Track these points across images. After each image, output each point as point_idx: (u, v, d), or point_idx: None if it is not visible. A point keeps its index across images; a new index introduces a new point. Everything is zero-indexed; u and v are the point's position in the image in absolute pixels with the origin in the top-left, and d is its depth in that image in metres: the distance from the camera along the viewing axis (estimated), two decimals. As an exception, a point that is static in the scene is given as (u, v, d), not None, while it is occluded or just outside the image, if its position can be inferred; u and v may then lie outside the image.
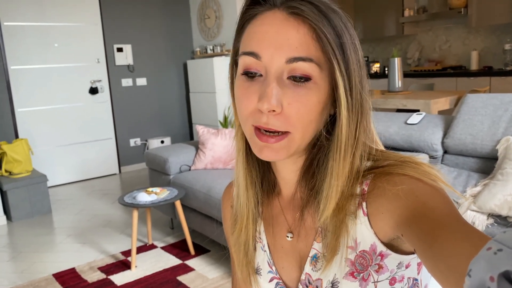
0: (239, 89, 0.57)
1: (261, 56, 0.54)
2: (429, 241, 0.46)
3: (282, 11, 0.54)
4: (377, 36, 6.50)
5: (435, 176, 0.54)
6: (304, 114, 0.54)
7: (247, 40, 0.56)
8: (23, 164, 3.88)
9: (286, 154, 0.56)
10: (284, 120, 0.54)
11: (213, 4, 5.20)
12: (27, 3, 4.45)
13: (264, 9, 0.55)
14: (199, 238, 3.04)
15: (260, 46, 0.54)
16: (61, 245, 3.13)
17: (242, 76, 0.56)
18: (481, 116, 2.25)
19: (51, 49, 4.65)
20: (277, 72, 0.53)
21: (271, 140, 0.55)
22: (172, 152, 3.13)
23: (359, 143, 0.57)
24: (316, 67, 0.53)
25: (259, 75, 0.55)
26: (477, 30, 5.45)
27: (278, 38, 0.53)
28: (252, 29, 0.56)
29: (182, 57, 5.63)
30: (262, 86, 0.54)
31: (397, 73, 3.85)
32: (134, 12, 5.17)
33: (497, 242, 0.30)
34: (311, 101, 0.54)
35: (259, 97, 0.53)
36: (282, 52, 0.53)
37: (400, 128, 2.53)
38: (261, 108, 0.53)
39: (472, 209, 1.90)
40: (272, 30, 0.53)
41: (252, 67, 0.55)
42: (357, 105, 0.56)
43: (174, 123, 5.68)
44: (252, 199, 0.67)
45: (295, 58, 0.52)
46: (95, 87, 4.95)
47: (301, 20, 0.53)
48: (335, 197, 0.57)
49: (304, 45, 0.52)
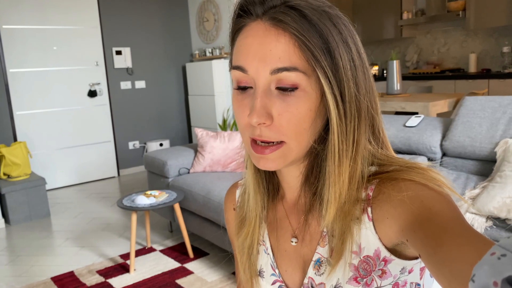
0: (234, 103, 0.58)
1: (247, 70, 0.54)
2: (434, 246, 0.45)
3: (264, 21, 0.53)
4: (376, 38, 6.52)
5: (440, 181, 0.54)
6: (296, 123, 0.53)
7: (236, 54, 0.56)
8: (22, 167, 3.87)
9: (283, 163, 0.56)
10: (276, 131, 0.54)
11: (212, 7, 5.21)
12: (27, 6, 4.46)
13: (249, 20, 0.55)
14: (198, 241, 3.03)
15: (246, 60, 0.54)
16: (59, 249, 3.12)
17: (236, 90, 0.57)
18: (480, 119, 2.26)
19: (50, 52, 4.65)
20: (264, 84, 0.53)
21: (266, 152, 0.55)
22: (171, 155, 3.12)
23: (359, 147, 0.56)
24: (302, 75, 0.52)
25: (249, 87, 0.55)
26: (475, 33, 5.46)
27: (261, 50, 0.53)
28: (239, 41, 0.56)
29: (181, 60, 5.64)
30: (252, 99, 0.54)
31: (396, 75, 3.86)
32: (133, 15, 5.17)
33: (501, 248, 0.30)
34: (301, 110, 0.53)
35: (249, 111, 0.54)
36: (266, 64, 0.52)
37: (398, 131, 2.53)
38: (251, 122, 0.53)
39: (471, 211, 1.90)
40: (255, 42, 0.53)
41: (242, 80, 0.55)
42: (352, 110, 0.55)
43: (173, 126, 5.68)
44: (260, 203, 0.67)
45: (279, 69, 0.52)
46: (94, 90, 4.95)
47: (281, 29, 0.52)
48: (335, 203, 0.56)
49: (287, 54, 0.52)
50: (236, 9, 0.57)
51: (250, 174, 0.66)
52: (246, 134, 0.57)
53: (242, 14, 0.56)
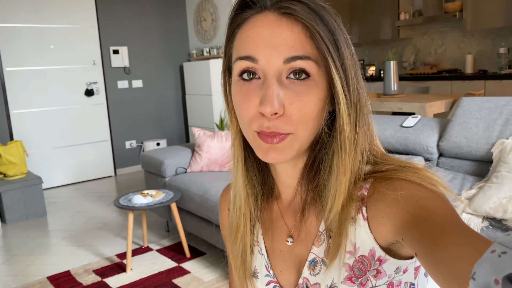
0: (238, 95, 0.56)
1: (258, 59, 0.53)
2: (431, 245, 0.45)
3: (274, 12, 0.53)
4: (373, 39, 6.53)
5: (435, 181, 0.54)
6: (306, 112, 0.54)
7: (241, 45, 0.55)
8: (18, 166, 3.86)
9: (291, 154, 0.56)
10: (286, 121, 0.53)
11: (209, 7, 5.21)
12: (23, 5, 4.44)
13: (254, 12, 0.55)
14: (194, 240, 3.03)
15: (256, 49, 0.53)
16: (55, 248, 3.11)
17: (239, 79, 0.56)
18: (476, 119, 2.27)
19: (47, 50, 4.63)
20: (276, 73, 0.53)
21: (275, 141, 0.54)
22: (168, 154, 3.12)
23: (359, 138, 0.57)
24: (314, 64, 0.53)
25: (257, 77, 0.55)
26: (472, 34, 5.48)
27: (273, 39, 0.53)
28: (244, 33, 0.55)
29: (178, 59, 5.63)
30: (262, 89, 0.53)
31: (393, 76, 3.87)
32: (131, 14, 5.16)
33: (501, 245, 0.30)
34: (312, 99, 0.54)
35: (261, 101, 0.53)
36: (279, 52, 0.52)
37: (395, 131, 2.54)
38: (264, 112, 0.52)
39: (467, 211, 1.90)
40: (266, 31, 0.53)
41: (250, 68, 0.55)
42: (354, 99, 0.56)
43: (170, 125, 5.67)
44: (252, 206, 0.66)
45: (293, 57, 0.52)
46: (91, 89, 4.94)
47: (294, 20, 0.53)
48: (344, 193, 0.56)
49: (299, 43, 0.52)
50: (239, 2, 0.57)
51: (240, 179, 0.65)
52: (252, 127, 0.55)
53: (246, 7, 0.56)
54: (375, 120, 2.02)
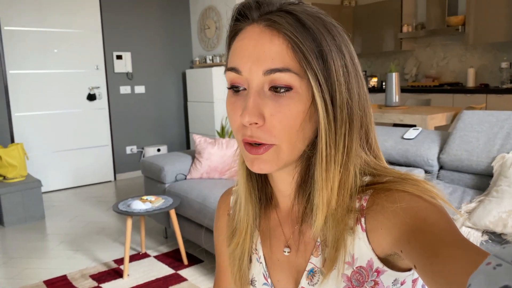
0: (228, 105, 0.58)
1: (241, 71, 0.54)
2: (429, 257, 0.46)
3: (259, 24, 0.54)
4: (375, 50, 6.56)
5: (434, 193, 0.54)
6: (288, 124, 0.54)
7: (231, 56, 0.57)
8: (18, 168, 3.86)
9: (276, 165, 0.56)
10: (268, 132, 0.54)
11: (213, 15, 5.24)
12: (29, 8, 4.47)
13: (245, 24, 0.56)
14: (192, 248, 3.02)
15: (240, 61, 0.55)
16: (53, 252, 3.10)
17: (230, 91, 0.58)
18: (477, 133, 2.27)
19: (51, 54, 4.66)
20: (258, 85, 0.54)
21: (259, 151, 0.55)
22: (168, 160, 3.12)
23: (350, 154, 0.56)
24: (295, 76, 0.53)
25: (243, 89, 0.56)
26: (474, 47, 5.50)
27: (255, 51, 0.53)
28: (234, 44, 0.57)
29: (181, 66, 5.66)
30: (245, 100, 0.54)
31: (395, 88, 3.88)
32: (135, 21, 5.19)
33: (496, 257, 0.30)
34: (294, 111, 0.53)
35: (241, 111, 0.54)
36: (259, 64, 0.53)
37: (396, 143, 2.54)
38: (243, 122, 0.53)
39: (467, 225, 1.90)
40: (250, 44, 0.54)
41: (236, 81, 0.56)
42: (343, 115, 0.55)
43: (171, 132, 5.68)
44: (251, 212, 0.67)
45: (272, 70, 0.52)
46: (93, 93, 4.95)
47: (276, 31, 0.53)
48: (323, 208, 0.56)
49: (280, 56, 0.52)
50: (234, 14, 0.58)
51: (241, 183, 0.66)
52: (239, 135, 0.57)
53: (239, 18, 0.57)
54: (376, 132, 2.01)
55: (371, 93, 6.21)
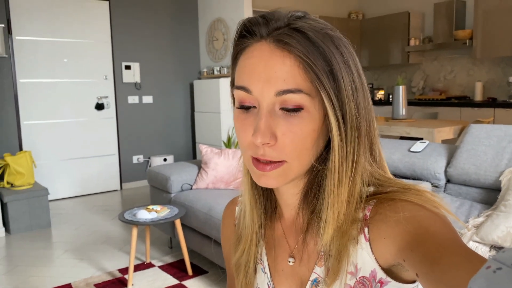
0: (236, 121, 0.58)
1: (251, 90, 0.55)
2: (431, 265, 0.46)
3: (269, 42, 0.54)
4: (383, 63, 6.57)
5: (437, 203, 0.54)
6: (299, 143, 0.54)
7: (239, 74, 0.57)
8: (26, 176, 3.89)
9: (284, 181, 0.57)
10: (280, 151, 0.54)
11: (221, 27, 5.29)
12: (40, 19, 4.55)
13: (253, 41, 0.56)
14: (197, 258, 3.01)
15: (250, 81, 0.54)
16: (58, 260, 3.10)
17: (238, 109, 0.58)
18: (485, 147, 2.26)
19: (60, 64, 4.72)
20: (269, 105, 0.54)
21: (267, 168, 0.56)
22: (174, 170, 3.13)
23: (358, 167, 0.57)
24: (306, 96, 0.53)
25: (253, 107, 0.56)
26: (481, 61, 5.50)
27: (266, 72, 0.53)
28: (242, 61, 0.56)
29: (189, 77, 5.70)
30: (256, 119, 0.55)
31: (402, 100, 3.88)
32: (144, 32, 5.25)
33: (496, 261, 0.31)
34: (305, 130, 0.54)
35: (254, 131, 0.54)
36: (271, 85, 0.53)
37: (403, 156, 2.53)
38: (255, 142, 0.54)
39: (475, 240, 1.88)
40: (260, 63, 0.54)
41: (245, 100, 0.56)
42: (352, 131, 0.55)
43: (177, 142, 5.70)
44: (256, 221, 0.67)
45: (284, 91, 0.53)
46: (102, 103, 5.00)
47: (287, 51, 0.53)
48: (333, 222, 0.57)
49: (291, 76, 0.53)
50: (240, 29, 0.58)
51: (246, 192, 0.67)
52: (248, 152, 0.57)
53: (246, 34, 0.57)
54: (383, 144, 2.03)
55: (377, 105, 6.21)
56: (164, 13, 5.39)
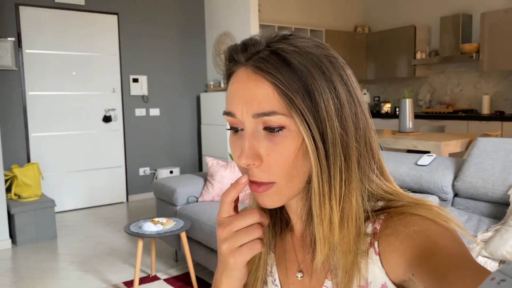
0: (230, 144, 0.61)
1: (234, 114, 0.56)
2: (439, 279, 0.46)
3: (247, 68, 0.56)
4: (389, 76, 6.58)
5: (447, 218, 0.54)
6: (284, 161, 0.55)
7: (227, 99, 0.59)
8: (33, 188, 3.91)
9: (280, 201, 0.58)
10: (267, 171, 0.55)
11: (228, 40, 5.34)
12: (50, 32, 4.62)
13: (236, 67, 0.58)
14: (202, 272, 2.99)
15: (233, 105, 0.57)
16: (63, 272, 3.10)
17: (230, 131, 0.60)
18: (493, 161, 2.24)
19: (69, 77, 4.77)
20: (251, 126, 0.56)
21: (259, 190, 0.57)
22: (180, 182, 3.13)
23: (351, 188, 0.56)
24: (283, 117, 0.54)
25: (241, 129, 0.58)
26: (489, 75, 5.49)
27: (244, 95, 0.55)
28: (230, 86, 0.59)
29: (196, 89, 5.74)
30: (242, 141, 0.57)
31: (408, 114, 3.87)
32: (152, 45, 5.31)
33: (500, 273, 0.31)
34: (289, 149, 0.54)
35: (240, 153, 0.56)
36: (249, 108, 0.55)
37: (410, 169, 2.51)
38: (240, 164, 0.55)
39: (483, 255, 1.85)
40: (239, 87, 0.56)
41: (233, 123, 0.58)
42: (336, 149, 0.55)
43: (184, 154, 5.71)
44: (265, 240, 0.67)
45: (259, 114, 0.54)
46: (109, 115, 5.04)
47: (261, 76, 0.54)
48: (322, 242, 0.57)
49: (267, 99, 0.54)
50: (226, 56, 0.60)
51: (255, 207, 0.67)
52: (244, 173, 0.59)
53: (231, 61, 0.59)
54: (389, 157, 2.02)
55: (384, 118, 6.20)
56: (172, 26, 5.46)
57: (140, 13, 5.19)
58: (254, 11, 4.95)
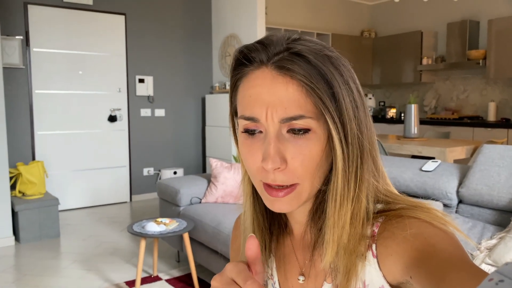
0: (243, 146, 0.58)
1: (258, 119, 0.55)
2: (437, 281, 0.46)
3: (271, 69, 0.54)
4: (395, 82, 6.56)
5: (445, 220, 0.54)
6: (309, 164, 0.54)
7: (243, 103, 0.56)
8: (37, 186, 3.92)
9: (297, 204, 0.57)
10: (290, 174, 0.55)
11: (235, 43, 5.35)
12: (57, 31, 4.65)
13: (253, 67, 0.56)
14: (204, 273, 2.99)
15: (256, 110, 0.54)
16: (66, 271, 3.11)
17: (244, 133, 0.57)
18: (498, 168, 2.23)
19: (75, 76, 4.80)
20: (276, 130, 0.54)
21: (280, 195, 0.56)
22: (184, 183, 3.14)
23: (362, 186, 0.57)
24: (311, 120, 0.53)
25: (258, 131, 0.56)
26: (495, 82, 5.46)
27: (270, 99, 0.53)
28: (245, 91, 0.56)
29: (201, 91, 5.75)
30: (264, 144, 0.55)
31: (414, 119, 3.86)
32: (158, 46, 5.33)
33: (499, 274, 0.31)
34: (314, 151, 0.54)
35: (263, 157, 0.54)
36: (275, 113, 0.53)
37: (414, 175, 2.50)
38: (266, 168, 0.54)
39: (487, 262, 1.84)
40: (263, 91, 0.54)
41: (251, 126, 0.56)
42: (354, 150, 0.55)
43: (188, 155, 5.72)
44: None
45: (287, 119, 0.53)
46: (114, 115, 5.06)
47: (289, 77, 0.53)
48: (333, 244, 0.57)
49: (294, 103, 0.53)
50: (237, 57, 0.58)
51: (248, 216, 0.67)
52: (257, 177, 0.57)
53: (244, 62, 0.56)
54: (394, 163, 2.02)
55: (389, 123, 6.19)
56: (179, 28, 5.48)
57: (147, 14, 5.22)
58: (261, 14, 4.96)
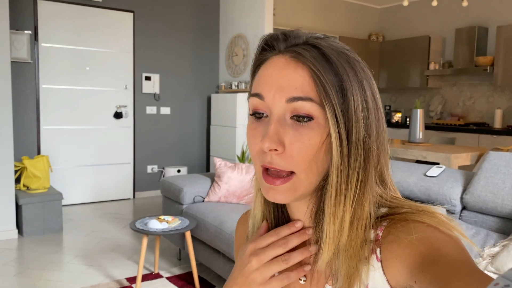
0: (248, 130, 0.60)
1: (264, 97, 0.56)
2: (442, 286, 0.46)
3: (285, 55, 0.57)
4: (401, 86, 6.55)
5: (450, 225, 0.54)
6: (306, 154, 0.54)
7: (256, 83, 0.59)
8: (42, 180, 3.94)
9: (293, 196, 0.57)
10: (287, 160, 0.55)
11: (242, 43, 5.36)
12: (66, 27, 4.67)
13: (272, 54, 0.58)
14: (205, 272, 2.99)
15: (264, 88, 0.57)
16: (68, 265, 3.12)
17: (251, 117, 0.59)
18: (503, 175, 2.22)
19: (83, 72, 4.82)
20: (279, 112, 0.56)
21: (276, 182, 0.56)
22: (187, 182, 3.14)
23: (366, 190, 0.56)
24: (316, 106, 0.54)
25: (265, 116, 0.57)
26: (502, 89, 5.44)
27: (279, 80, 0.55)
28: (261, 72, 0.59)
29: (207, 90, 5.76)
30: (266, 127, 0.56)
31: (419, 124, 3.85)
32: (166, 44, 5.35)
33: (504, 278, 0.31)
34: (313, 141, 0.54)
35: (262, 136, 0.55)
36: (283, 92, 0.55)
37: (419, 180, 2.50)
38: (263, 147, 0.55)
39: (490, 270, 1.83)
40: (275, 72, 0.56)
41: (258, 107, 0.58)
42: (358, 150, 0.55)
43: (192, 154, 5.73)
44: None
45: (295, 98, 0.54)
46: (120, 112, 5.07)
47: (301, 63, 0.55)
48: (329, 242, 0.56)
49: (303, 86, 0.54)
50: (261, 44, 0.61)
51: (258, 210, 0.67)
52: (258, 162, 0.58)
53: (266, 48, 0.59)
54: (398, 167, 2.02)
55: (394, 128, 6.17)
56: (187, 27, 5.49)
57: (155, 12, 5.23)
58: (269, 15, 4.96)
